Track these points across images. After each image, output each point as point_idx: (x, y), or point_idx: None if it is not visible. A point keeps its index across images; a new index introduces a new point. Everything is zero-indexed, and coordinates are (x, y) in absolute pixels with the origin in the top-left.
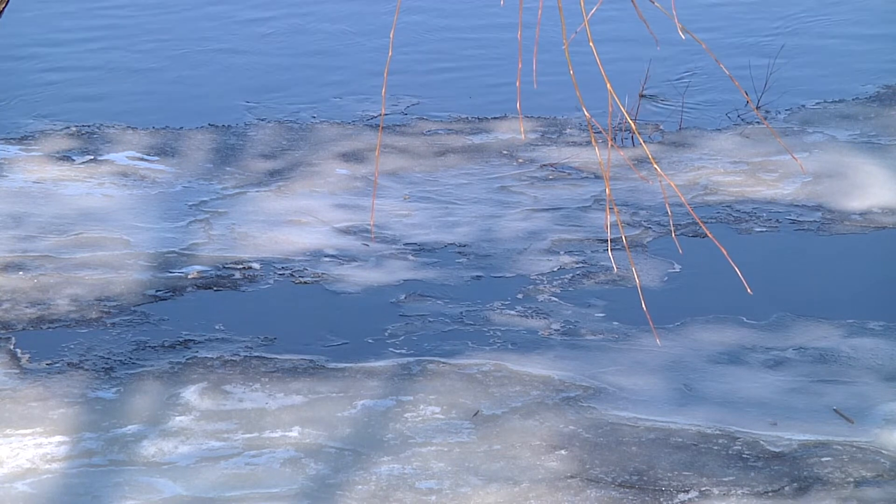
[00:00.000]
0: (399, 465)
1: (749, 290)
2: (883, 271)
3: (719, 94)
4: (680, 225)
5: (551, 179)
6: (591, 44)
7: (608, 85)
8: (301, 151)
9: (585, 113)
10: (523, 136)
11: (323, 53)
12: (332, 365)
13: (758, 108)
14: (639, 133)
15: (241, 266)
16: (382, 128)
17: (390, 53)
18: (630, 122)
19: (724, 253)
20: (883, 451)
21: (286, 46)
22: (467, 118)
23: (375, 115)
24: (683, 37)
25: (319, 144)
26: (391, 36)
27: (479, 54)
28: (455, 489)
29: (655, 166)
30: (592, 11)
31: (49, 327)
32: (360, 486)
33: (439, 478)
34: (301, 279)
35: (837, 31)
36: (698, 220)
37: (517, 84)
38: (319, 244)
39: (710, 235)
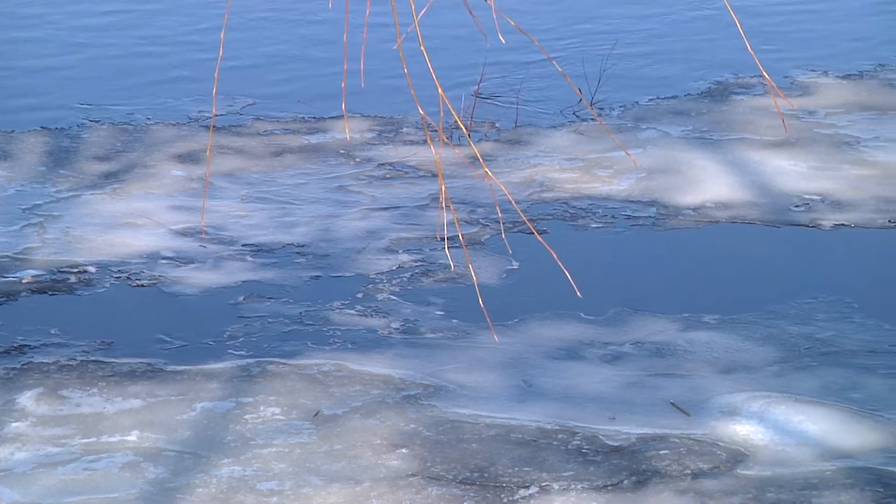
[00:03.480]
0: (239, 467)
1: (578, 293)
2: (716, 265)
3: (555, 92)
4: (518, 222)
5: (389, 178)
6: (421, 46)
7: (438, 86)
8: (136, 153)
9: (420, 112)
10: (348, 136)
11: (157, 54)
12: (171, 368)
13: (592, 104)
14: (468, 132)
15: (76, 270)
16: (217, 128)
17: (221, 53)
18: (459, 121)
19: (554, 255)
20: (719, 444)
21: (120, 45)
22: (304, 118)
23: (211, 115)
24: (504, 41)
25: (154, 146)
26: (222, 36)
27: (317, 53)
28: (296, 490)
29: (484, 167)
30: (423, 11)
31: None
32: (200, 489)
33: (280, 479)
34: (138, 282)
35: (668, 29)
36: (527, 222)
37: (343, 85)
38: (156, 246)
39: (538, 237)
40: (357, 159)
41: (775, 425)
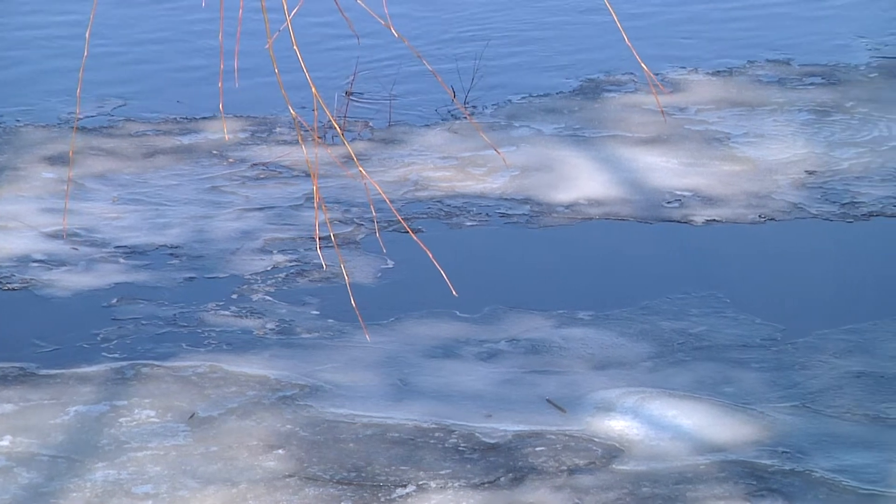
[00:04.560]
0: (114, 471)
1: (454, 293)
2: (590, 262)
3: (429, 91)
4: (393, 221)
5: (262, 178)
6: (294, 46)
7: (312, 85)
8: (5, 156)
9: (291, 111)
10: (226, 136)
11: (26, 52)
12: (44, 372)
13: (465, 103)
14: (341, 131)
15: None
16: (87, 130)
17: (86, 53)
18: (332, 120)
19: (429, 254)
20: (595, 439)
21: None
22: (176, 118)
23: (81, 116)
24: (398, 35)
25: (24, 148)
26: (87, 35)
27: (188, 53)
28: (172, 493)
29: (359, 166)
30: (294, 11)
31: None
32: (74, 494)
33: (156, 482)
34: (8, 285)
35: (540, 28)
36: (401, 221)
37: (220, 84)
38: (27, 249)
39: (413, 236)
40: (230, 160)
41: (650, 420)
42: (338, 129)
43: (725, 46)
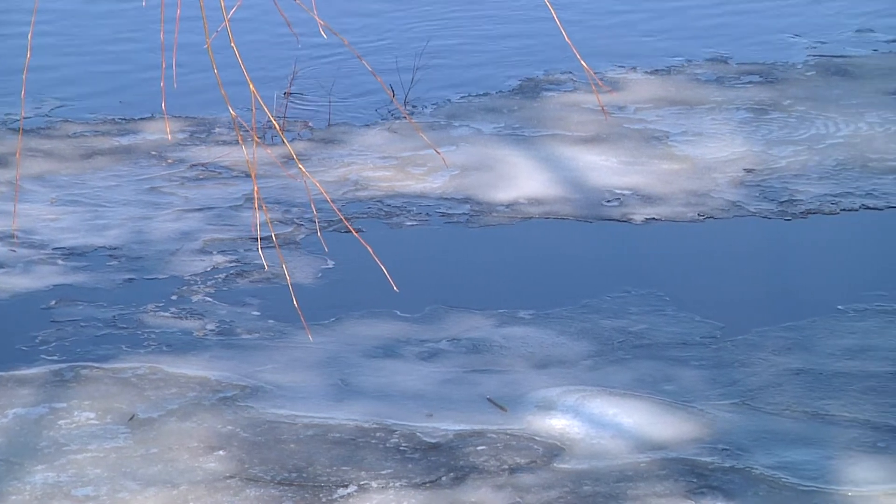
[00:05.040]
0: (54, 474)
1: (395, 288)
2: (530, 261)
3: (368, 91)
4: (333, 221)
5: (202, 179)
6: (232, 44)
7: (251, 84)
8: None
9: (231, 112)
10: (169, 136)
11: None
12: None
13: (405, 103)
14: (282, 132)
15: None
16: (25, 131)
17: (28, 55)
18: (273, 120)
19: (371, 252)
20: (536, 438)
21: None
22: (114, 119)
23: (18, 117)
24: (325, 36)
25: None
26: (29, 37)
27: (127, 54)
28: (112, 495)
29: (300, 165)
30: (233, 10)
31: None
32: (14, 497)
33: (96, 484)
34: None
35: (479, 28)
36: (344, 220)
37: (162, 84)
38: None
39: (355, 234)
40: (169, 160)
41: (590, 419)
42: (278, 128)
43: (663, 45)
